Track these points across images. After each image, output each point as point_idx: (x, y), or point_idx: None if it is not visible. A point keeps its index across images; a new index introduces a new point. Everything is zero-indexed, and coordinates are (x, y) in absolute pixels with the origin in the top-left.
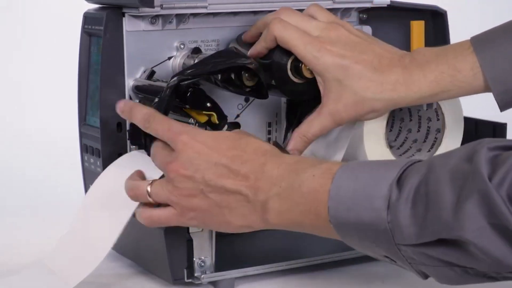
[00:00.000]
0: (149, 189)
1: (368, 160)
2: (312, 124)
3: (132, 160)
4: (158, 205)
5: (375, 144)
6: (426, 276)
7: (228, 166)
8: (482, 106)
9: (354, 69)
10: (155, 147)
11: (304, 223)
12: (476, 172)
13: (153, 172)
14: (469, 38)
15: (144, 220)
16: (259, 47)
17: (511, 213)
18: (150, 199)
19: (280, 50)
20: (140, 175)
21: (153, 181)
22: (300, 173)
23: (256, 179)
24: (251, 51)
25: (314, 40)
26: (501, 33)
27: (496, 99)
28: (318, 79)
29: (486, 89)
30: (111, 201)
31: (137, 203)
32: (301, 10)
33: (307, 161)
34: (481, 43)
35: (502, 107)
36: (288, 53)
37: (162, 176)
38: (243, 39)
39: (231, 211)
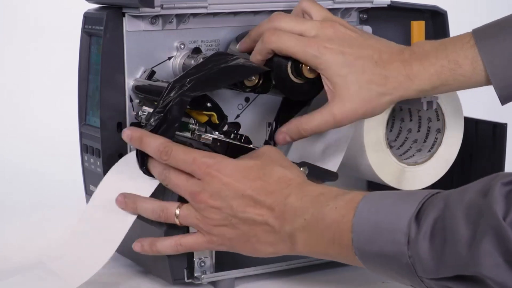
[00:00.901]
0: (177, 212)
1: (389, 191)
2: (313, 119)
3: (135, 162)
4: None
5: (375, 144)
6: None
7: (254, 198)
8: (482, 106)
9: (356, 64)
10: (178, 178)
11: (330, 253)
12: (490, 209)
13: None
14: None
15: (173, 248)
16: (255, 61)
17: None
18: (177, 221)
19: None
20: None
21: (182, 204)
22: (324, 206)
23: (280, 211)
24: None
25: (312, 41)
26: (502, 27)
27: (497, 93)
28: (323, 77)
29: (487, 82)
30: (115, 204)
31: None
32: None
33: (331, 192)
34: (483, 36)
35: (503, 101)
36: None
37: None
38: (239, 50)
39: (259, 240)
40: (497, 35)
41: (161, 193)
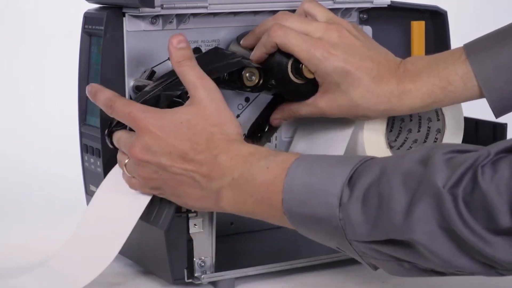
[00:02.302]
0: (126, 161)
1: (322, 155)
2: (302, 109)
3: None
4: None
5: (375, 144)
6: (376, 268)
7: (183, 155)
8: (482, 106)
9: (353, 75)
10: (121, 131)
11: (257, 213)
12: (429, 176)
13: None
14: (469, 38)
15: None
16: (259, 53)
17: (461, 217)
18: (125, 170)
19: (280, 51)
20: None
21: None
22: (254, 165)
23: (208, 169)
24: (251, 57)
25: (317, 42)
26: (494, 40)
27: (490, 107)
28: (318, 79)
29: (480, 96)
30: (117, 204)
31: (144, 207)
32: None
33: (262, 153)
34: (474, 50)
35: (497, 114)
36: (288, 54)
37: None
38: (242, 45)
39: (187, 195)
40: (488, 48)
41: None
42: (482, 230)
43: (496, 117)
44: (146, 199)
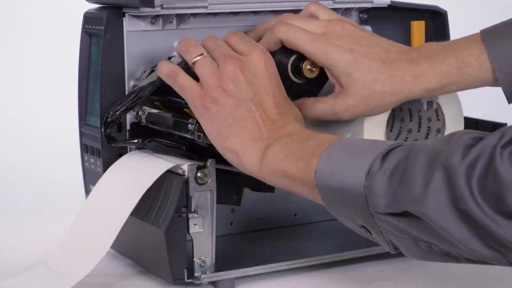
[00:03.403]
0: (197, 58)
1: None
2: (315, 107)
3: (132, 161)
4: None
5: None
6: (395, 248)
7: (271, 104)
8: (482, 106)
9: (362, 62)
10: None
11: (291, 172)
12: (447, 152)
13: (155, 170)
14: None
15: (167, 71)
16: None
17: (472, 196)
18: (192, 65)
19: (280, 51)
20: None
21: (206, 55)
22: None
23: (276, 126)
24: None
25: (321, 36)
26: (510, 26)
27: (503, 90)
28: (329, 73)
29: (494, 81)
30: (110, 201)
31: (135, 204)
32: (301, 10)
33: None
34: (490, 35)
35: (510, 98)
36: (288, 53)
37: None
38: None
39: (240, 132)
40: (504, 33)
41: (156, 192)
42: (493, 211)
43: (509, 102)
44: (138, 195)
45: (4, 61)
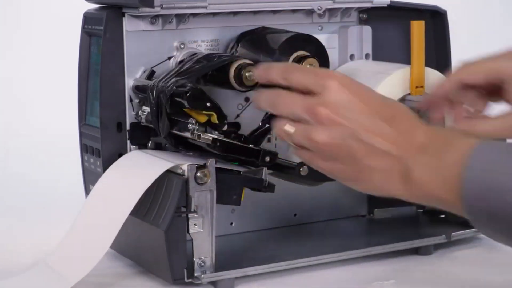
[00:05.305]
0: (292, 129)
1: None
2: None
3: (132, 160)
4: None
5: None
6: None
7: (380, 124)
8: None
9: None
10: (289, 94)
11: (442, 197)
12: None
13: (155, 170)
14: (469, 38)
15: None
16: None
17: None
18: (293, 141)
19: (280, 51)
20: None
21: (289, 126)
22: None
23: (405, 142)
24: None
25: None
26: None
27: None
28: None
29: None
30: (110, 201)
31: (134, 203)
32: (300, 10)
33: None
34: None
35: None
36: (288, 53)
37: None
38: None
39: (372, 171)
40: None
41: (156, 192)
42: None
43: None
44: (138, 195)
45: (3, 61)
